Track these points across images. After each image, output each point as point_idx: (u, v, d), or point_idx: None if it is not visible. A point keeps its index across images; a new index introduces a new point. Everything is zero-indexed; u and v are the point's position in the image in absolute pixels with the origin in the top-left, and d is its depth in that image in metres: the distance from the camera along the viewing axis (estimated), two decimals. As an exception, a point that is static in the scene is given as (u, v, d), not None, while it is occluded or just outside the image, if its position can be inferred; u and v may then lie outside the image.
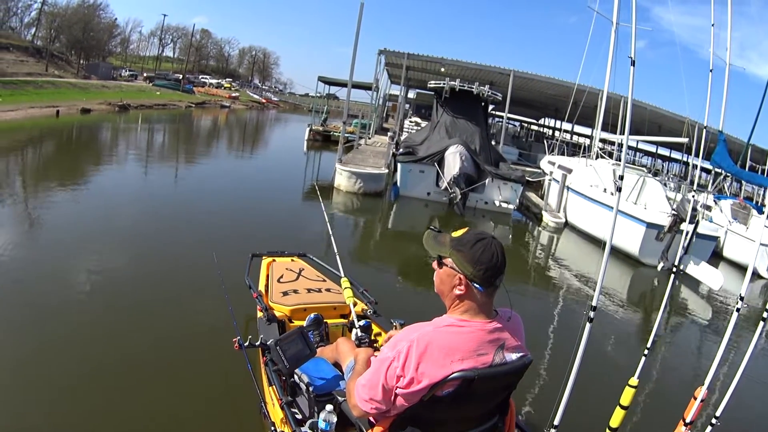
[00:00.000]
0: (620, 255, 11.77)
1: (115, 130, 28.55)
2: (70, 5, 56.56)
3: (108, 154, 18.76)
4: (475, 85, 17.46)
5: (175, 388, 4.35)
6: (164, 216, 10.18)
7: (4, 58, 39.02)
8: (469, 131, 16.52)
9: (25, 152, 16.60)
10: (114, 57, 74.03)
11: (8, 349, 4.52)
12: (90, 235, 8.20)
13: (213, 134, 35.45)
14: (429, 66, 26.63)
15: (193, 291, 6.35)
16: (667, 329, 8.41)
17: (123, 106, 37.27)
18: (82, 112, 31.46)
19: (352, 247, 10.47)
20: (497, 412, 2.42)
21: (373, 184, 14.88)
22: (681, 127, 21.26)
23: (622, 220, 11.65)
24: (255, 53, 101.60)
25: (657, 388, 5.47)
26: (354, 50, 16.81)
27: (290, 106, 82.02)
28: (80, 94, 37.43)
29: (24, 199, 10.37)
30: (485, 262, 2.07)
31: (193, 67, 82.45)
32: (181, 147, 24.33)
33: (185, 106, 49.95)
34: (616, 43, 16.68)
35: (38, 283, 6.06)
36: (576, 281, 10.09)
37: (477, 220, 14.33)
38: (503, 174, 15.21)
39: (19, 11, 52.27)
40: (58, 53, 52.64)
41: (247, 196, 13.35)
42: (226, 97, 65.59)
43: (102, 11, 63.66)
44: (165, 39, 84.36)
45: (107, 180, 13.44)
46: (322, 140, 30.54)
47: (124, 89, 46.89)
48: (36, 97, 31.23)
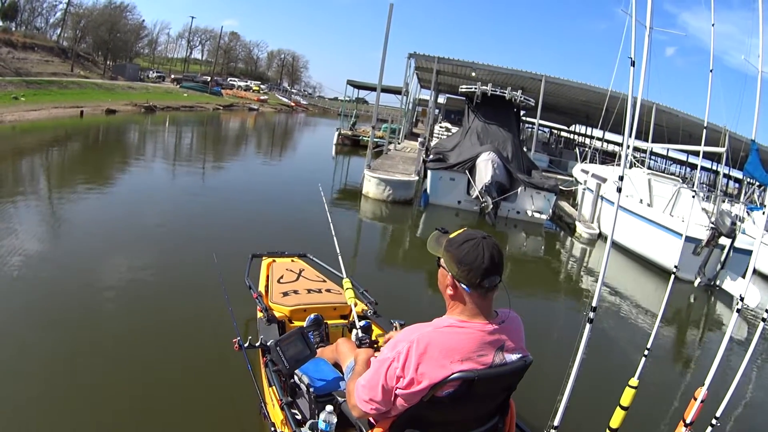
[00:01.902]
0: (655, 269, 11.44)
1: (141, 132, 28.93)
2: (96, 6, 57.66)
3: (132, 156, 19.01)
4: (508, 90, 17.17)
5: (174, 389, 4.38)
6: (184, 218, 10.40)
7: (29, 57, 39.72)
8: (501, 138, 16.21)
9: (46, 153, 16.87)
10: (141, 58, 75.24)
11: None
12: (112, 235, 8.39)
13: (241, 137, 35.63)
14: (459, 70, 26.44)
15: (193, 292, 6.43)
16: (668, 330, 8.35)
17: (149, 108, 37.75)
18: (107, 112, 31.94)
19: (379, 256, 10.44)
20: (497, 412, 2.45)
21: (402, 192, 14.64)
22: (712, 135, 20.80)
23: (658, 233, 11.37)
24: (284, 56, 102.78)
25: (657, 389, 5.42)
26: (383, 52, 16.56)
27: (319, 110, 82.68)
28: (106, 95, 38.00)
29: (37, 197, 10.55)
30: (469, 263, 2.08)
31: (221, 70, 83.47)
32: (208, 149, 24.57)
33: (212, 109, 50.53)
34: (649, 49, 16.31)
35: (36, 283, 6.10)
36: (608, 296, 9.74)
37: (508, 230, 14.09)
38: (536, 183, 14.87)
39: (44, 11, 53.38)
40: (84, 54, 53.59)
41: (272, 198, 13.46)
42: (255, 99, 66.20)
43: (129, 12, 64.79)
44: (193, 41, 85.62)
45: (130, 180, 13.77)
46: (350, 145, 30.63)
47: (151, 91, 47.62)
48: (60, 97, 31.71)
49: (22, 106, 26.28)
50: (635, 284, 11.12)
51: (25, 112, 24.96)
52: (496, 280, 2.11)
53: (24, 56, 39.13)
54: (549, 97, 24.57)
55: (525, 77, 24.17)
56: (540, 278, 10.42)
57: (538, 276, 10.55)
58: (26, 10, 50.50)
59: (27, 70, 36.50)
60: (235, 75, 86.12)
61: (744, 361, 3.47)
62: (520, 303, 8.53)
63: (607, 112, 18.80)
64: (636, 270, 11.72)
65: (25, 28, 48.42)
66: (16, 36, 41.30)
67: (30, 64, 38.44)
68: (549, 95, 24.30)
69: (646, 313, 8.99)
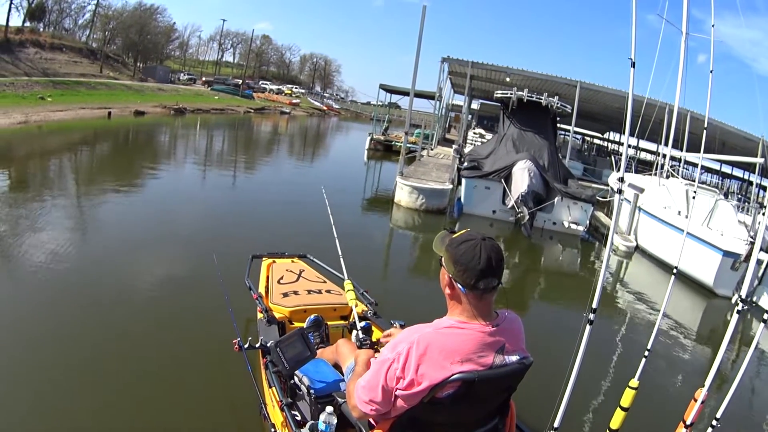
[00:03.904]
0: (691, 284, 11.09)
1: (171, 134, 29.06)
2: (126, 8, 58.10)
3: (160, 158, 19.19)
4: (544, 96, 16.81)
5: (174, 390, 4.40)
6: (214, 218, 10.72)
7: (57, 58, 40.20)
8: (537, 145, 15.85)
9: (66, 154, 17.08)
10: (172, 61, 76.08)
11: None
12: (137, 237, 8.56)
13: (273, 141, 35.70)
14: (493, 75, 26.26)
15: (195, 290, 6.54)
16: (668, 330, 8.25)
17: (179, 110, 37.88)
18: (136, 114, 32.11)
19: (409, 266, 10.41)
20: (497, 414, 2.44)
21: (435, 201, 14.37)
22: (746, 144, 20.31)
23: (694, 246, 11.04)
24: (316, 60, 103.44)
25: (657, 390, 5.43)
26: (417, 54, 16.38)
27: (351, 114, 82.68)
28: (135, 97, 38.30)
29: (39, 197, 10.60)
30: (464, 263, 2.08)
31: (253, 73, 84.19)
32: (239, 153, 24.74)
33: (243, 112, 50.78)
34: (686, 55, 16.02)
35: (35, 280, 6.23)
36: (642, 313, 9.50)
37: (544, 242, 13.78)
38: (573, 193, 14.40)
39: (72, 12, 53.81)
40: (113, 55, 54.06)
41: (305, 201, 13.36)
42: (287, 103, 66.58)
43: (159, 15, 65.50)
44: (224, 44, 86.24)
45: (157, 184, 13.92)
46: (383, 150, 30.53)
47: (181, 93, 47.99)
48: (88, 98, 32.01)
49: (48, 107, 26.57)
50: (672, 301, 10.80)
51: (50, 113, 25.20)
52: (493, 282, 2.10)
53: (52, 57, 39.64)
54: (583, 103, 24.29)
55: (559, 83, 23.88)
56: (574, 292, 10.17)
57: (573, 290, 10.32)
58: (54, 11, 50.95)
59: (55, 70, 37.04)
60: (267, 78, 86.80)
61: (744, 362, 3.45)
62: (552, 317, 8.58)
63: (644, 120, 18.58)
64: (674, 286, 11.30)
65: (53, 29, 48.95)
66: (43, 36, 41.82)
67: (58, 65, 38.99)
68: (583, 101, 24.03)
69: (682, 331, 8.77)
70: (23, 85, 30.00)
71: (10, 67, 33.19)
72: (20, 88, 29.13)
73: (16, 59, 35.06)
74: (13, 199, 10.17)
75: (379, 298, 4.69)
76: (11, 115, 22.50)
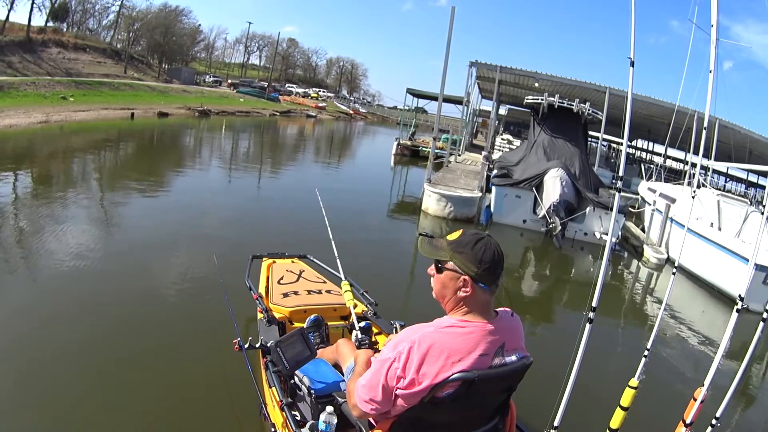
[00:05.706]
0: (722, 298, 10.79)
1: (195, 137, 28.89)
2: (151, 9, 58.37)
3: (183, 161, 19.25)
4: (576, 102, 16.48)
5: (175, 390, 4.43)
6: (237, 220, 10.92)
7: (80, 58, 40.55)
8: (569, 153, 15.47)
9: (86, 155, 17.08)
10: (198, 62, 76.43)
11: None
12: (150, 239, 8.66)
13: (298, 145, 35.53)
14: (521, 80, 26.08)
15: (195, 291, 6.63)
16: (668, 330, 8.21)
17: (203, 112, 37.84)
18: (159, 115, 32.11)
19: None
20: (497, 413, 2.45)
21: (464, 209, 14.08)
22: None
23: (726, 258, 10.86)
24: (343, 64, 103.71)
25: (657, 390, 5.40)
26: (446, 56, 16.05)
27: (378, 118, 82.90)
28: (159, 98, 38.35)
29: (47, 199, 10.70)
30: (488, 261, 2.12)
31: (279, 76, 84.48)
32: (265, 156, 24.72)
33: (269, 114, 50.84)
34: (717, 60, 15.70)
35: (34, 280, 6.38)
36: (672, 324, 9.21)
37: (574, 253, 13.45)
38: (605, 202, 13.80)
39: (96, 13, 54.46)
40: (138, 56, 54.36)
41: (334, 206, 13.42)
42: (313, 106, 66.83)
43: (184, 17, 65.87)
44: (251, 47, 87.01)
45: (182, 184, 14.27)
46: (410, 155, 30.45)
47: (206, 95, 48.06)
48: (111, 99, 32.15)
49: (70, 106, 26.64)
50: (700, 315, 10.62)
51: (72, 113, 25.23)
52: (503, 276, 2.19)
53: (75, 57, 40.02)
54: (611, 110, 24.05)
55: (588, 89, 23.63)
56: (604, 307, 10.03)
57: (603, 304, 10.20)
58: (78, 11, 51.58)
59: (78, 70, 37.35)
60: (293, 81, 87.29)
61: (744, 361, 3.47)
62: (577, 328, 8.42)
63: (675, 127, 18.21)
64: (707, 301, 11.09)
65: (77, 29, 49.51)
66: (67, 36, 42.26)
67: (81, 65, 39.33)
68: (612, 108, 23.81)
69: (699, 340, 8.63)
70: (45, 85, 30.19)
71: (32, 66, 33.52)
72: (42, 88, 29.35)
73: (38, 59, 35.39)
74: (21, 197, 10.47)
75: (405, 307, 4.71)
76: (32, 114, 22.56)
